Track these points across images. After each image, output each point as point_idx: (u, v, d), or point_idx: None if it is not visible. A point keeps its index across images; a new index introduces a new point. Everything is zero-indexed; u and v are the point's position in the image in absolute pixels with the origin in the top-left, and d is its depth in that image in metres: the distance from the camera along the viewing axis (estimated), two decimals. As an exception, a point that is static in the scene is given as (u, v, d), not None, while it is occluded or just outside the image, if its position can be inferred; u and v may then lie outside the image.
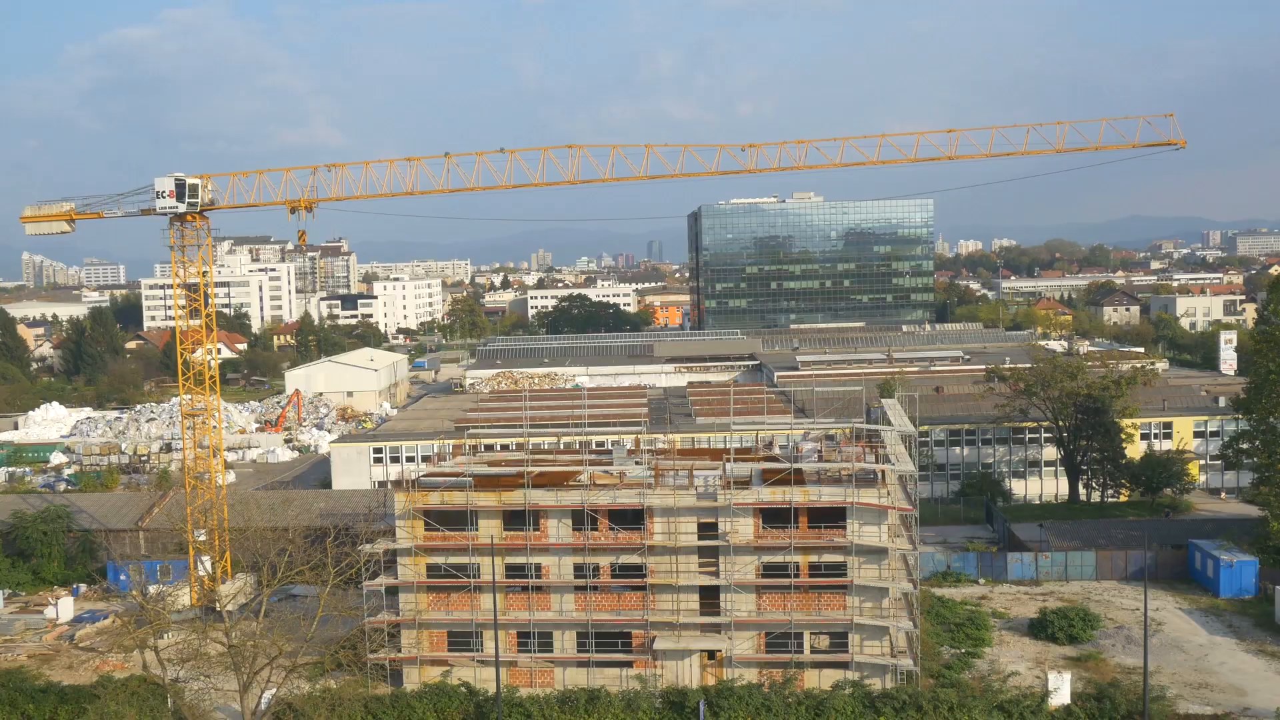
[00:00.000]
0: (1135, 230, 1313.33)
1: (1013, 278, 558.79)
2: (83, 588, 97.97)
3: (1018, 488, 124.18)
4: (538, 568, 72.66)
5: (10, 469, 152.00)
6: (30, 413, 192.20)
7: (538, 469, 73.70)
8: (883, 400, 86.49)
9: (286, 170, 79.23)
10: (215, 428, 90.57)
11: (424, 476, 75.73)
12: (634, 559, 71.59)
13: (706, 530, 71.38)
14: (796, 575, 70.50)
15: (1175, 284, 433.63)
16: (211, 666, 58.12)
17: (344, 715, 64.35)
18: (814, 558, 70.61)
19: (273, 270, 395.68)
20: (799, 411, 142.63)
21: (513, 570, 72.83)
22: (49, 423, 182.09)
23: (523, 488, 71.96)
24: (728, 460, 74.49)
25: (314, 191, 79.34)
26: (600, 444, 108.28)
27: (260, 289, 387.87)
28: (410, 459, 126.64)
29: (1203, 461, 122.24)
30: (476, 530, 72.63)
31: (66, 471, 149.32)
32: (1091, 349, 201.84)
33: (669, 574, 71.31)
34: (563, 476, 73.50)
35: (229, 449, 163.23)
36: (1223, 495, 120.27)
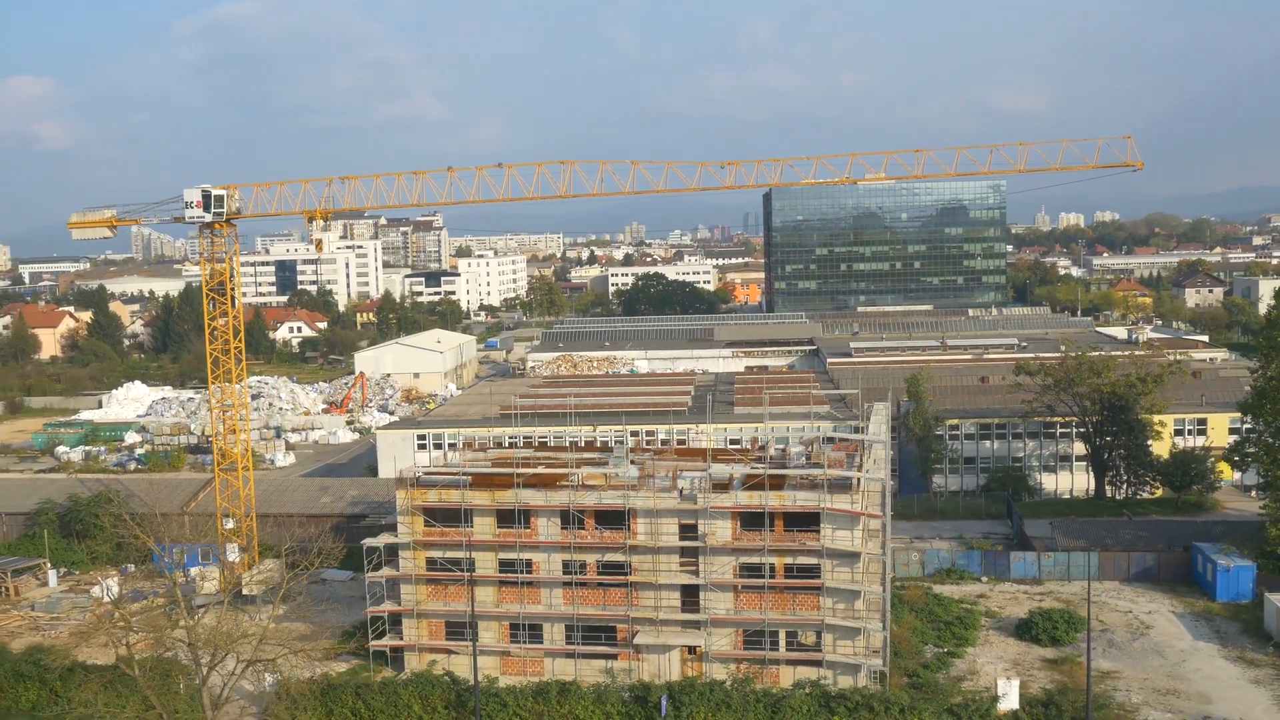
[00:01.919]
0: (1247, 202, 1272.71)
1: (1105, 254, 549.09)
2: (131, 568, 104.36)
3: (1048, 482, 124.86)
4: (528, 563, 76.60)
5: (87, 447, 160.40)
6: (114, 391, 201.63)
7: (530, 470, 77.77)
8: (874, 404, 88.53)
9: (305, 182, 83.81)
10: (242, 417, 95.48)
11: (424, 474, 80.00)
12: (618, 557, 75.14)
13: (688, 531, 74.59)
14: (772, 576, 73.44)
15: (1274, 261, 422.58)
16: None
17: (335, 700, 69.23)
18: (789, 560, 73.41)
19: (359, 247, 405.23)
20: (839, 402, 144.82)
21: (505, 565, 76.88)
22: (129, 401, 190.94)
23: (515, 487, 75.95)
24: (709, 463, 77.48)
25: (329, 202, 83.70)
26: (636, 433, 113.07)
27: (347, 266, 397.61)
28: (453, 445, 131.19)
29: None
30: (471, 527, 76.81)
31: (138, 451, 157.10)
32: (1154, 335, 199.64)
33: (651, 572, 74.75)
34: (554, 477, 77.24)
35: (293, 430, 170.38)
36: (1253, 494, 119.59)
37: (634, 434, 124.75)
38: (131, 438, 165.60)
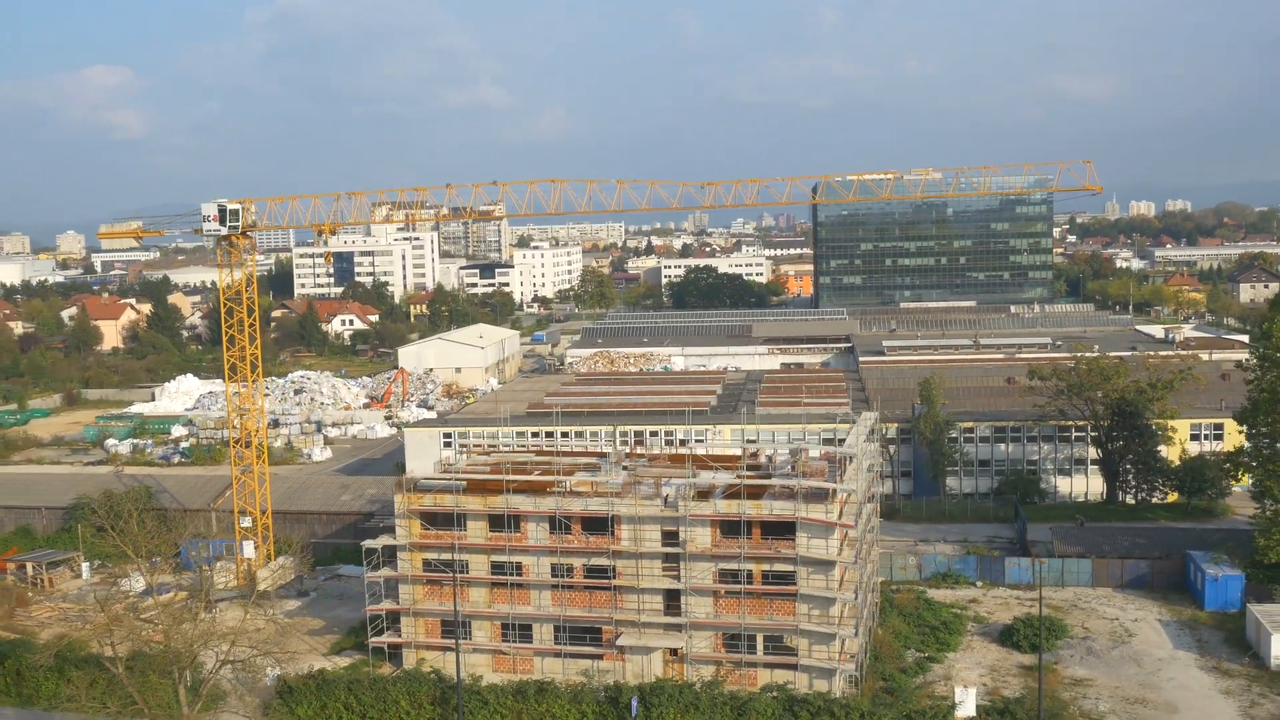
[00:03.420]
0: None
1: (1169, 245, 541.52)
2: (160, 561, 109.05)
3: (1062, 485, 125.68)
4: (518, 566, 79.83)
5: (135, 440, 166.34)
6: (166, 384, 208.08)
7: (524, 476, 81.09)
8: (863, 413, 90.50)
9: (315, 197, 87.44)
10: (260, 416, 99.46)
11: (422, 479, 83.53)
12: (603, 561, 78.09)
13: (670, 537, 77.30)
14: (749, 582, 75.95)
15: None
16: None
17: (329, 695, 73.09)
18: (765, 566, 75.88)
19: (416, 239, 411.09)
20: (862, 403, 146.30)
21: (496, 568, 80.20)
22: (179, 395, 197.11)
23: (505, 493, 79.22)
24: (690, 470, 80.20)
25: (338, 215, 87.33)
26: (655, 433, 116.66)
27: (404, 257, 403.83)
28: (477, 444, 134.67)
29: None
30: (465, 530, 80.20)
31: (183, 445, 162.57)
32: (1193, 334, 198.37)
33: (634, 576, 77.65)
34: (543, 484, 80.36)
35: (333, 424, 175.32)
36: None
37: (652, 434, 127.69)
38: (178, 431, 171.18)
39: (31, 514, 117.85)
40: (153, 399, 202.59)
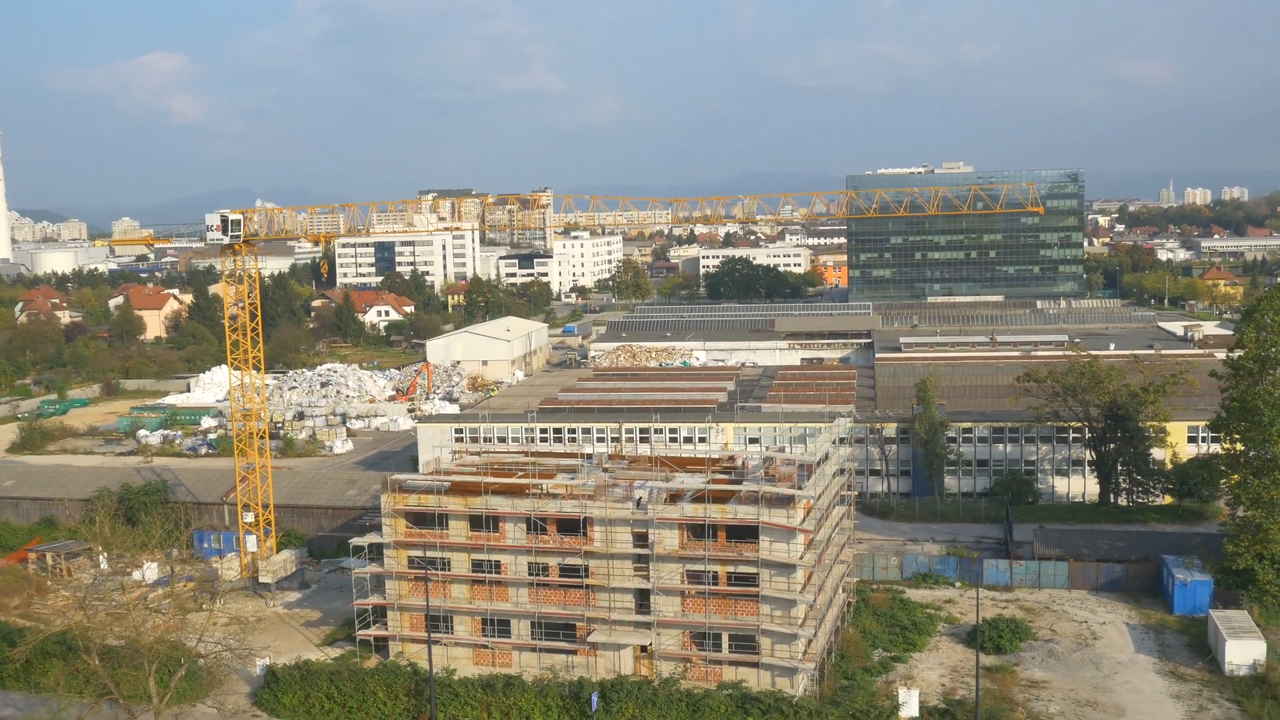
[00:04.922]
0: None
1: (1218, 235, 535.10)
2: (175, 553, 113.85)
3: (1060, 486, 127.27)
4: (497, 564, 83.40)
5: (165, 432, 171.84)
6: (202, 375, 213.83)
7: (505, 479, 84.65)
8: (836, 420, 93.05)
9: (311, 209, 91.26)
10: (262, 410, 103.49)
11: (407, 479, 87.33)
12: (576, 561, 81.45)
13: (640, 539, 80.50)
14: (715, 583, 79.00)
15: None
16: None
17: (312, 685, 77.15)
18: (730, 568, 78.87)
19: (457, 228, 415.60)
20: (869, 401, 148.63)
21: (476, 565, 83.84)
22: (211, 385, 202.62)
23: (484, 494, 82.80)
24: (657, 473, 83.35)
25: (334, 226, 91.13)
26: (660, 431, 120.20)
27: (444, 247, 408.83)
28: (487, 439, 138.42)
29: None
30: (447, 530, 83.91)
31: (211, 436, 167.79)
32: (1213, 332, 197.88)
33: (605, 576, 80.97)
34: (521, 486, 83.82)
35: (356, 417, 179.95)
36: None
37: (657, 431, 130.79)
38: (208, 422, 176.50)
39: (55, 505, 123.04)
40: (188, 390, 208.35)
